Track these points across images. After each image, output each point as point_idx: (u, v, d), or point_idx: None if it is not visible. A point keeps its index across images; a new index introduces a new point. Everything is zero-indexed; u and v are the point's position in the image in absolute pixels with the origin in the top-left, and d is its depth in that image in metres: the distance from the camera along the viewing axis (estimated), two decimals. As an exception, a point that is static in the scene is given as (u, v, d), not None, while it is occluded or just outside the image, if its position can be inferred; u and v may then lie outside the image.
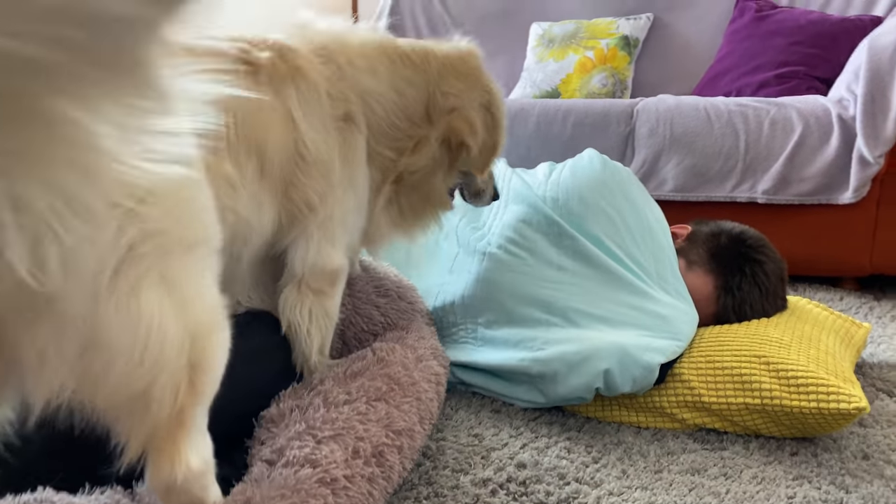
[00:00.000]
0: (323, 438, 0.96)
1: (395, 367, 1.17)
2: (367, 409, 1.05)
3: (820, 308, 1.48)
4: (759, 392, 1.17)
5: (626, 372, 1.21)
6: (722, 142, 2.10)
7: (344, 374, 1.14)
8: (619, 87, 2.82)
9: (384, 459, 0.99)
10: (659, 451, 1.19)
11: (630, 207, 1.46)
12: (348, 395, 1.07)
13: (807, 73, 2.40)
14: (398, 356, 1.20)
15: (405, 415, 1.09)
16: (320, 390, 1.08)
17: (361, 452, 0.96)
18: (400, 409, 1.09)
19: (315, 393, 1.07)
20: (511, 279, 1.41)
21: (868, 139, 1.90)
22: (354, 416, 1.02)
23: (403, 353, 1.22)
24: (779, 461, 1.15)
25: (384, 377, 1.14)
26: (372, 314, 1.36)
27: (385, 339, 1.28)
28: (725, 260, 1.44)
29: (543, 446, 1.21)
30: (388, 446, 1.00)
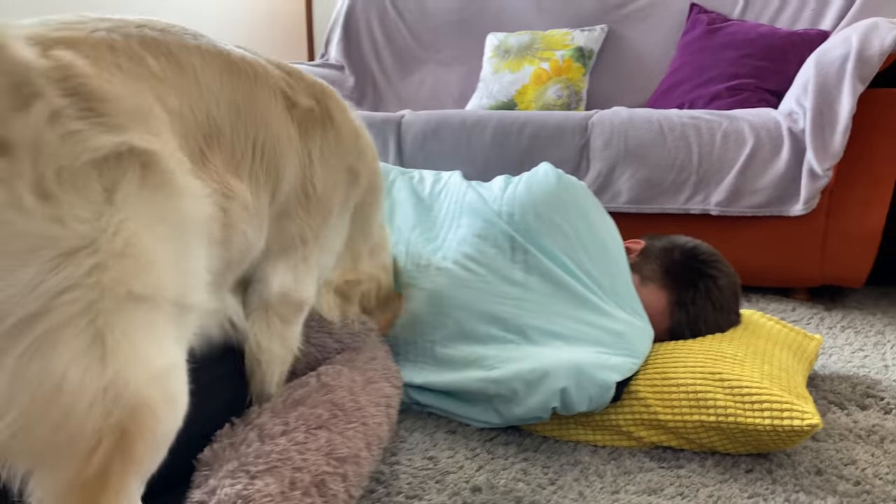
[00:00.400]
0: (257, 473, 0.91)
1: (340, 392, 1.13)
2: (307, 437, 1.00)
3: (773, 321, 1.49)
4: (714, 409, 1.17)
5: (582, 391, 1.20)
6: (675, 154, 2.11)
7: (283, 403, 1.09)
8: (574, 99, 2.83)
9: (326, 489, 0.95)
10: (616, 470, 1.18)
11: (584, 223, 1.45)
12: (286, 425, 1.02)
13: (757, 86, 2.44)
14: (344, 380, 1.16)
15: (349, 441, 1.04)
16: (255, 424, 1.02)
17: (299, 483, 0.92)
18: (343, 435, 1.05)
19: (250, 427, 1.02)
20: (466, 295, 1.39)
21: (817, 152, 1.93)
22: (292, 447, 0.97)
23: (350, 377, 1.18)
24: (734, 479, 1.15)
25: (326, 403, 1.09)
26: (325, 342, 1.32)
27: (333, 361, 1.24)
28: (679, 275, 1.43)
29: (500, 468, 1.18)
30: (331, 475, 0.96)
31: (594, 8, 3.02)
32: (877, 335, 1.86)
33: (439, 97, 3.26)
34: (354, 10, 3.45)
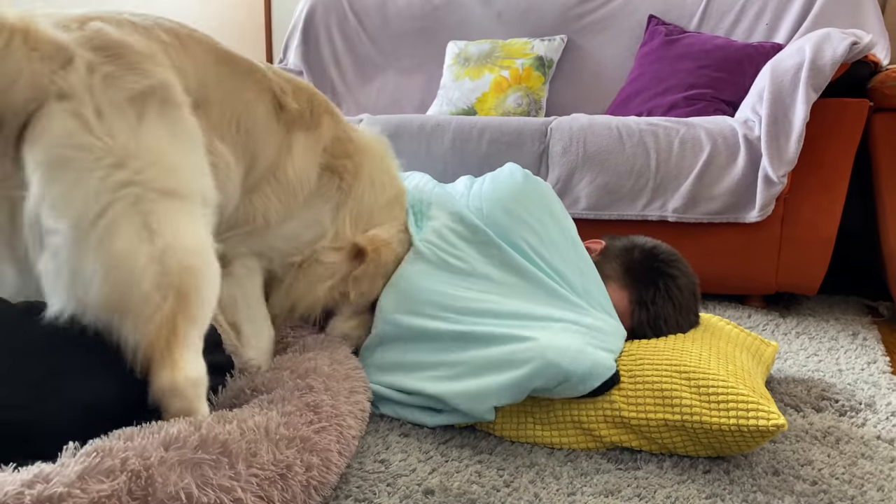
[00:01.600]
0: None
1: (320, 396, 1.13)
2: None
3: (731, 325, 1.48)
4: (680, 408, 1.14)
5: (578, 363, 1.17)
6: (633, 160, 2.11)
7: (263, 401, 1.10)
8: (533, 107, 2.82)
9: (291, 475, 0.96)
10: (572, 472, 1.15)
11: (553, 221, 1.43)
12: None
13: (714, 96, 2.46)
14: (321, 381, 1.17)
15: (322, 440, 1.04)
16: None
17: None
18: (319, 434, 1.04)
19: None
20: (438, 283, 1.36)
21: (772, 159, 1.95)
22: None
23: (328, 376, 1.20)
24: (692, 480, 1.12)
25: (304, 408, 1.09)
26: None
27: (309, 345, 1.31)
28: (639, 274, 1.42)
29: (453, 470, 1.14)
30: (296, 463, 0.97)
31: (554, 18, 3.03)
32: (830, 341, 1.87)
33: (399, 104, 3.23)
34: (314, 16, 3.41)
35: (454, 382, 1.25)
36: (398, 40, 3.31)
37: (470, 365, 1.26)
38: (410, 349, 1.35)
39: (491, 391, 1.21)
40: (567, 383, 1.18)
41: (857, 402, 1.43)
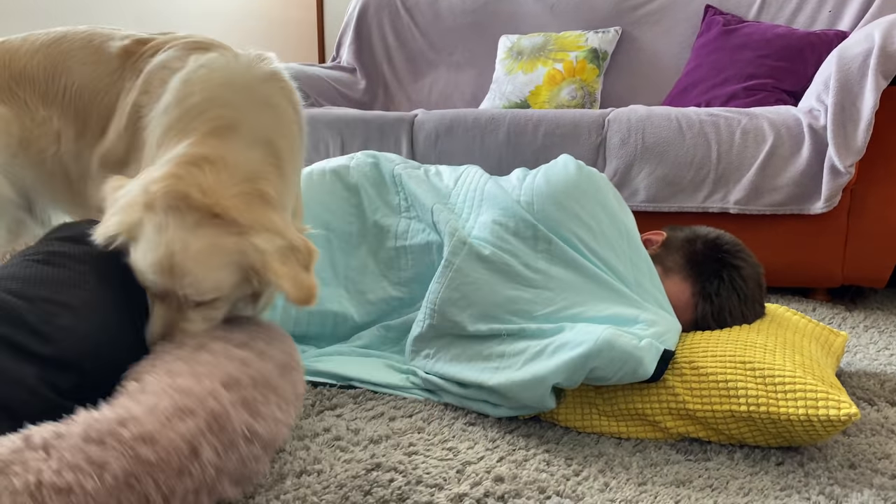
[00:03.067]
0: None
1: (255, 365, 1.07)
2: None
3: (798, 315, 1.45)
4: (745, 399, 1.13)
5: (610, 360, 1.15)
6: (694, 151, 2.08)
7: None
8: (588, 100, 2.81)
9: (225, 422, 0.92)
10: (642, 462, 1.14)
11: (606, 214, 1.42)
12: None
13: (774, 86, 2.41)
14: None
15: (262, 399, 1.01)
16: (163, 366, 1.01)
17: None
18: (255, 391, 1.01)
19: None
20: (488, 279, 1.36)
21: (839, 149, 1.90)
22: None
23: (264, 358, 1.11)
24: (765, 472, 1.11)
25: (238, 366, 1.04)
26: None
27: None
28: (702, 266, 1.40)
29: (521, 459, 1.15)
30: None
31: (607, 10, 3.01)
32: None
33: (451, 99, 3.25)
34: (366, 13, 3.44)
35: (510, 372, 1.25)
36: (450, 35, 3.33)
37: (526, 354, 1.26)
38: (469, 345, 1.35)
39: (547, 373, 1.19)
40: (624, 367, 1.16)
41: (934, 397, 1.39)
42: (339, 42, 3.52)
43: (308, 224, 1.62)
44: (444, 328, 1.37)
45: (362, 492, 1.04)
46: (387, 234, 1.61)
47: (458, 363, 1.33)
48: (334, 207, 1.63)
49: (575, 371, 1.17)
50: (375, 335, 1.57)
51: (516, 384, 1.22)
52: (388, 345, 1.56)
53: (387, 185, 1.68)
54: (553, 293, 1.33)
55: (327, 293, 1.56)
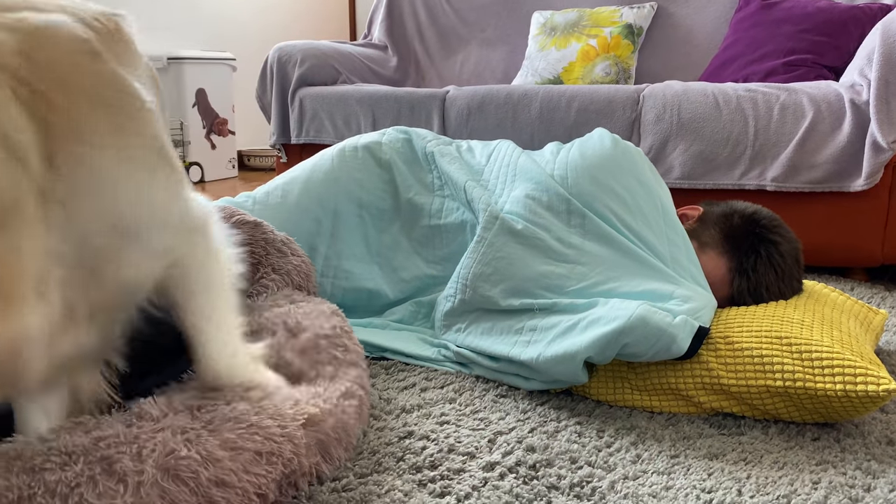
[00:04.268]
0: None
1: None
2: None
3: (837, 292, 1.43)
4: (782, 374, 1.12)
5: (643, 337, 1.14)
6: (730, 128, 2.05)
7: None
8: (622, 76, 2.77)
9: None
10: (674, 435, 1.14)
11: (641, 188, 1.40)
12: None
13: (815, 62, 2.36)
14: None
15: None
16: None
17: None
18: None
19: None
20: (521, 253, 1.36)
21: (882, 124, 1.86)
22: None
23: None
24: (800, 447, 1.10)
25: None
26: None
27: None
28: (739, 241, 1.38)
29: (553, 430, 1.15)
30: None
31: (643, -15, 2.95)
32: (942, 315, 1.78)
33: (482, 76, 3.23)
34: (399, -10, 3.43)
35: (542, 346, 1.25)
36: (481, 11, 3.30)
37: (558, 329, 1.26)
38: (500, 318, 1.35)
39: (579, 349, 1.18)
40: (657, 344, 1.15)
41: (976, 376, 1.36)
42: (371, 20, 3.51)
43: (341, 200, 1.59)
44: (476, 303, 1.38)
45: (395, 458, 1.05)
46: (421, 213, 1.61)
47: (490, 337, 1.34)
48: (367, 184, 1.64)
49: (607, 347, 1.16)
50: (408, 310, 1.58)
51: (548, 359, 1.21)
52: (420, 320, 1.57)
53: (420, 163, 1.68)
54: (586, 268, 1.32)
55: (361, 270, 1.58)
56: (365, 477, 1.00)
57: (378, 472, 1.01)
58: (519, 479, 1.00)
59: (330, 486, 0.97)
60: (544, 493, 0.97)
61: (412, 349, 1.43)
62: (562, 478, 1.01)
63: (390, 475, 1.01)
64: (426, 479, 1.00)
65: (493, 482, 0.99)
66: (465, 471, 1.02)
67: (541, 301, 1.31)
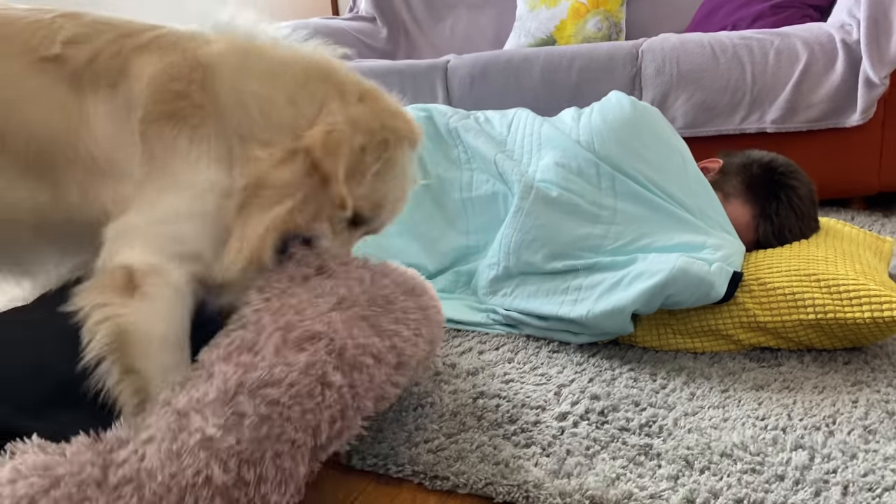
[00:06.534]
0: None
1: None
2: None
3: (849, 226, 1.54)
4: (813, 308, 1.23)
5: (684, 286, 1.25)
6: (728, 75, 2.14)
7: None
8: (614, 30, 2.84)
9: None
10: (721, 372, 1.26)
11: (664, 147, 1.50)
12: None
13: (801, 2, 2.44)
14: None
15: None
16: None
17: None
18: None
19: None
20: (559, 219, 1.45)
21: (873, 61, 1.96)
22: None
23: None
24: (835, 371, 1.22)
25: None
26: None
27: None
28: (760, 188, 1.49)
29: (610, 378, 1.27)
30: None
31: (625, -64, 3.00)
32: (940, 236, 1.91)
33: (473, 40, 3.28)
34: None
35: (590, 303, 1.36)
36: (468, -25, 3.33)
37: (604, 285, 1.36)
38: (545, 280, 1.45)
39: (627, 303, 1.29)
40: (698, 291, 1.26)
41: (980, 292, 1.49)
42: (357, -10, 3.53)
43: None
44: (520, 268, 1.47)
45: (475, 417, 1.16)
46: (451, 187, 1.69)
47: (537, 298, 1.44)
48: None
49: (653, 298, 1.27)
50: (449, 280, 1.67)
51: (598, 315, 1.32)
52: (461, 287, 1.67)
53: (444, 139, 1.76)
54: (622, 227, 1.42)
55: (400, 244, 1.66)
56: (453, 436, 1.11)
57: (465, 431, 1.12)
58: (591, 424, 1.12)
59: (424, 447, 1.08)
60: (618, 434, 1.09)
61: (463, 315, 1.53)
62: (630, 420, 1.12)
63: (476, 433, 1.11)
64: (509, 433, 1.11)
65: (569, 430, 1.10)
66: (541, 422, 1.14)
67: (583, 262, 1.41)
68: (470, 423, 1.15)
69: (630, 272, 1.33)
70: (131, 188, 0.99)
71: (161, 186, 0.99)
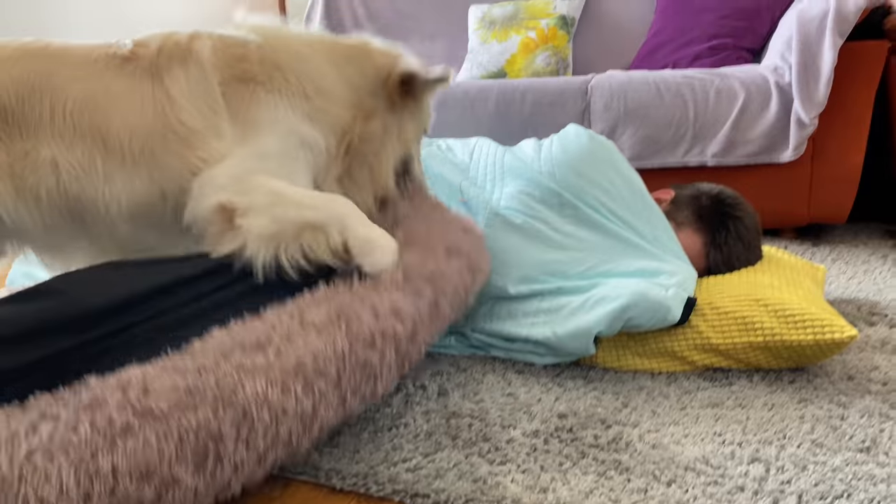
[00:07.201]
0: None
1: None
2: None
3: (787, 255, 1.66)
4: (762, 331, 1.33)
5: (642, 310, 1.32)
6: (673, 112, 2.27)
7: None
8: (561, 66, 2.96)
9: None
10: (678, 391, 1.34)
11: (620, 177, 1.59)
12: None
13: (735, 45, 2.62)
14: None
15: None
16: None
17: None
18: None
19: None
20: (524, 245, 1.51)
21: (804, 102, 2.12)
22: None
23: None
24: (782, 389, 1.32)
25: None
26: None
27: None
28: (710, 219, 1.59)
29: (575, 397, 1.33)
30: None
31: (571, -24, 3.14)
32: (863, 264, 2.06)
33: (425, 70, 3.34)
34: (334, -13, 3.49)
35: (555, 326, 1.42)
36: (419, 6, 3.41)
37: (568, 308, 1.43)
38: (511, 303, 1.51)
39: (591, 325, 1.35)
40: (656, 315, 1.34)
41: (904, 316, 1.63)
42: (308, 17, 3.56)
43: None
44: (488, 293, 1.53)
45: (450, 436, 1.20)
46: None
47: (504, 321, 1.50)
48: None
49: (615, 321, 1.35)
50: None
51: (563, 336, 1.39)
52: None
53: None
54: (584, 253, 1.50)
55: None
56: (430, 455, 1.14)
57: (441, 450, 1.16)
58: (562, 441, 1.17)
59: (403, 466, 1.11)
60: (587, 451, 1.14)
61: (430, 339, 1.57)
62: (597, 437, 1.18)
63: (452, 451, 1.15)
64: (483, 451, 1.15)
65: (541, 447, 1.16)
66: (514, 440, 1.18)
67: (547, 286, 1.47)
68: (445, 442, 1.18)
69: (593, 296, 1.40)
70: (223, 144, 1.17)
71: (246, 134, 1.18)
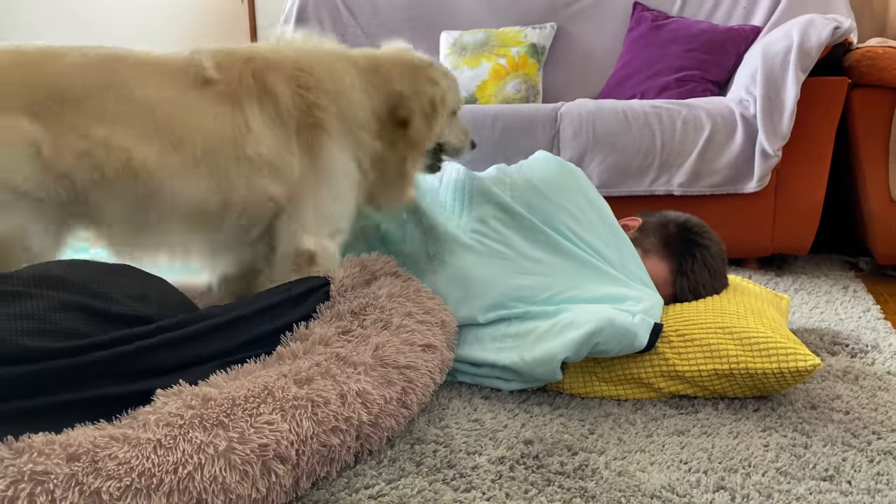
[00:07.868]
0: None
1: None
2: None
3: (752, 284, 1.68)
4: (727, 358, 1.33)
5: (609, 336, 1.32)
6: (640, 141, 2.30)
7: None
8: (531, 93, 2.99)
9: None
10: (644, 418, 1.33)
11: (588, 204, 1.59)
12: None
13: (702, 77, 2.67)
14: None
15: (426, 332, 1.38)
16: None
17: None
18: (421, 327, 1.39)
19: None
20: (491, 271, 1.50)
21: (768, 135, 2.16)
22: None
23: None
24: (746, 417, 1.32)
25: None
26: None
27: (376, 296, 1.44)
28: (677, 247, 1.60)
29: (541, 423, 1.31)
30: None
31: (542, 6, 3.19)
32: (825, 294, 2.10)
33: (396, 94, 3.35)
34: (306, 9, 3.49)
35: (522, 351, 1.41)
36: (390, 32, 3.41)
37: (535, 334, 1.42)
38: (478, 328, 1.50)
39: (558, 351, 1.35)
40: (623, 341, 1.34)
41: (864, 345, 1.65)
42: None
43: None
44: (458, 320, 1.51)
45: (414, 463, 1.18)
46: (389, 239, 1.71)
47: (471, 345, 1.48)
48: None
49: (581, 346, 1.34)
50: None
51: (530, 362, 1.38)
52: None
53: None
54: (551, 279, 1.49)
55: None
56: (394, 482, 1.12)
57: (404, 477, 1.13)
58: (528, 469, 1.16)
59: (365, 493, 1.09)
60: (553, 478, 1.13)
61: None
62: (563, 464, 1.17)
63: (416, 478, 1.13)
64: (448, 478, 1.13)
65: (506, 474, 1.14)
66: (479, 466, 1.16)
67: (514, 311, 1.46)
68: (409, 468, 1.16)
69: (560, 322, 1.39)
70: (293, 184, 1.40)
71: (316, 182, 1.42)
